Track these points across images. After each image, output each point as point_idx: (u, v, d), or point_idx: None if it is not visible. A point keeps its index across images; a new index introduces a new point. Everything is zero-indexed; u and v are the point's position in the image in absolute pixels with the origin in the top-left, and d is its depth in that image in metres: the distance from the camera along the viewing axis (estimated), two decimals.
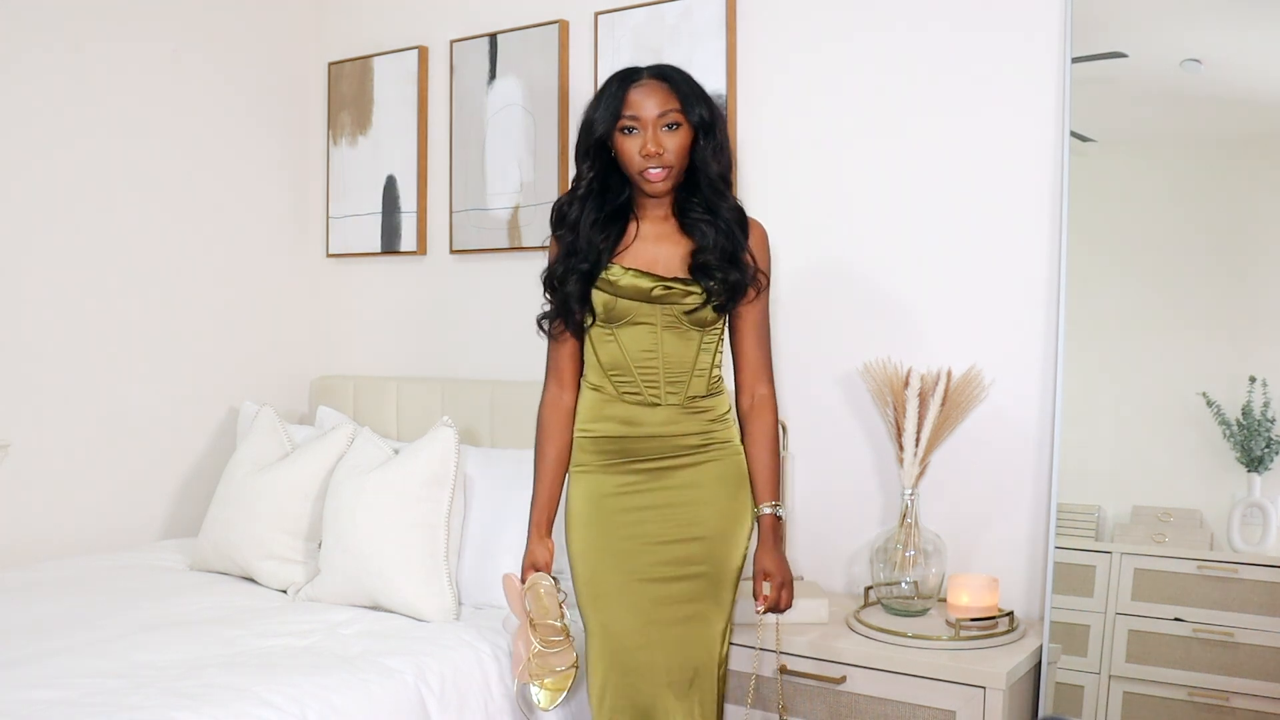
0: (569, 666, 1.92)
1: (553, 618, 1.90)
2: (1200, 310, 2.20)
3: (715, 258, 1.88)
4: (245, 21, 3.19)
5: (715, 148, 1.90)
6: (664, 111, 1.85)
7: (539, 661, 1.90)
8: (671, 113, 1.86)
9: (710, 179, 1.91)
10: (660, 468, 1.91)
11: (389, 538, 2.28)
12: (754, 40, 2.65)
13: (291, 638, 2.12)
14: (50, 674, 1.84)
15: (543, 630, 1.91)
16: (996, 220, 2.39)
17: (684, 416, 1.92)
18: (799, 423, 2.58)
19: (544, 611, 1.90)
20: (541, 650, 1.90)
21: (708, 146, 1.89)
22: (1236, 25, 2.16)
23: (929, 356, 2.40)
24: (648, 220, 1.96)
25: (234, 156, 3.17)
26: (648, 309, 1.90)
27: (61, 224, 2.76)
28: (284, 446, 2.71)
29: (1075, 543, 2.24)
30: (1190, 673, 2.10)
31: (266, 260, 3.28)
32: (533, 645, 1.90)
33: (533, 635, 1.90)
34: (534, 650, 1.90)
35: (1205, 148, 2.22)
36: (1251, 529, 2.10)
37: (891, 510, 2.48)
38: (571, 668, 1.92)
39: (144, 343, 2.95)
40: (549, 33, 2.91)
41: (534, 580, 1.93)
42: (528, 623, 1.92)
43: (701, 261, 1.89)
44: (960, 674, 2.02)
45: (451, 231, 3.11)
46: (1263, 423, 2.09)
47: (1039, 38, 2.33)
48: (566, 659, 1.92)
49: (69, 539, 2.78)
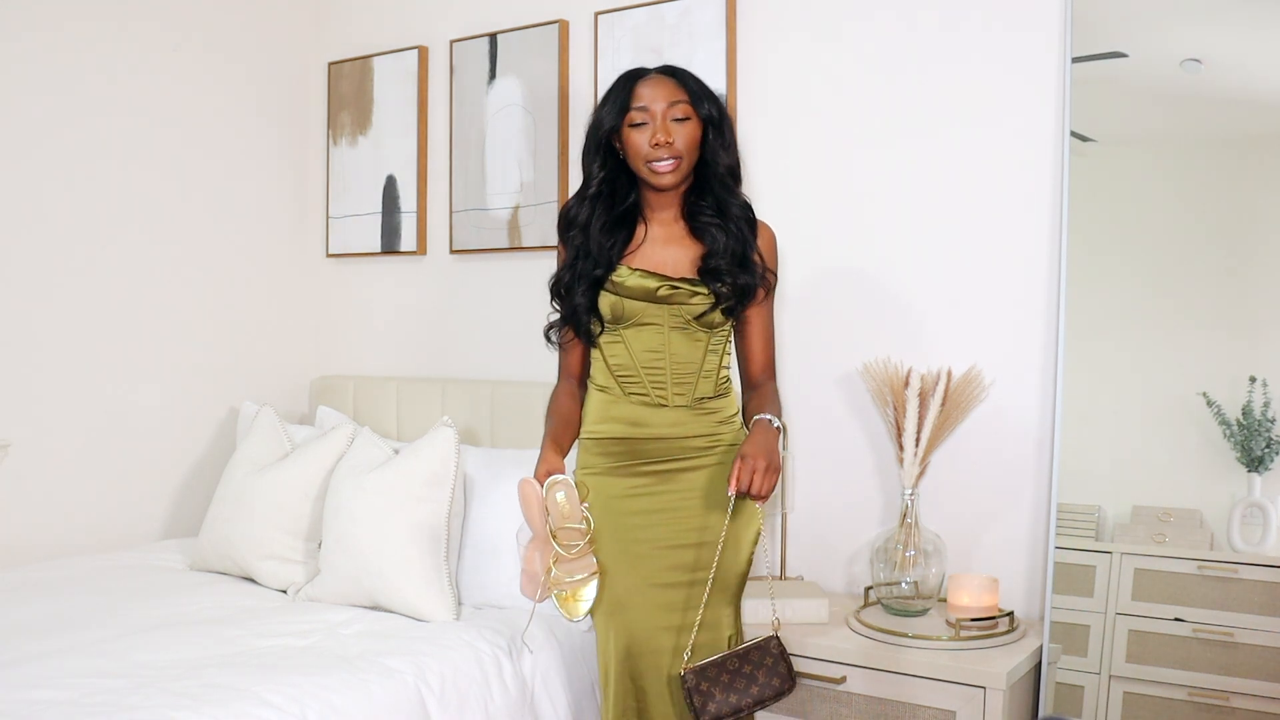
0: (591, 573, 1.83)
1: (574, 520, 1.82)
2: (1200, 310, 2.20)
3: (725, 262, 1.88)
4: (245, 21, 3.19)
5: (723, 144, 1.90)
6: (673, 102, 1.85)
7: (562, 569, 1.81)
8: (681, 104, 1.86)
9: (719, 174, 1.91)
10: (668, 470, 1.91)
11: (389, 538, 2.28)
12: (754, 40, 2.65)
13: (291, 638, 2.12)
14: (50, 674, 1.84)
15: (564, 535, 1.82)
16: (996, 220, 2.39)
17: (691, 418, 1.91)
18: (799, 423, 2.58)
19: (564, 515, 1.82)
20: (561, 556, 1.81)
21: (717, 141, 1.89)
22: (1236, 25, 2.16)
23: (929, 356, 2.40)
24: (656, 222, 1.95)
25: (234, 156, 3.17)
26: (655, 310, 1.89)
27: (61, 224, 2.76)
28: (284, 446, 2.71)
29: (1075, 543, 2.24)
30: (1190, 673, 2.10)
31: (266, 260, 3.28)
32: (554, 551, 1.80)
33: (554, 542, 1.81)
34: (554, 557, 1.80)
35: (1205, 148, 2.22)
36: (1251, 529, 2.10)
37: (891, 510, 2.48)
38: (592, 574, 1.83)
39: (144, 343, 2.95)
40: (549, 33, 2.92)
41: (553, 482, 1.83)
42: (547, 531, 1.82)
43: (712, 266, 1.88)
44: (960, 674, 2.02)
45: (451, 231, 3.11)
46: (1263, 423, 2.09)
47: (1039, 38, 2.33)
48: (587, 565, 1.83)
49: (69, 539, 2.78)
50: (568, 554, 1.81)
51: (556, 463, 1.88)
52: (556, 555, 1.81)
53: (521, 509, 1.86)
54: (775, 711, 2.21)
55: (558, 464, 1.88)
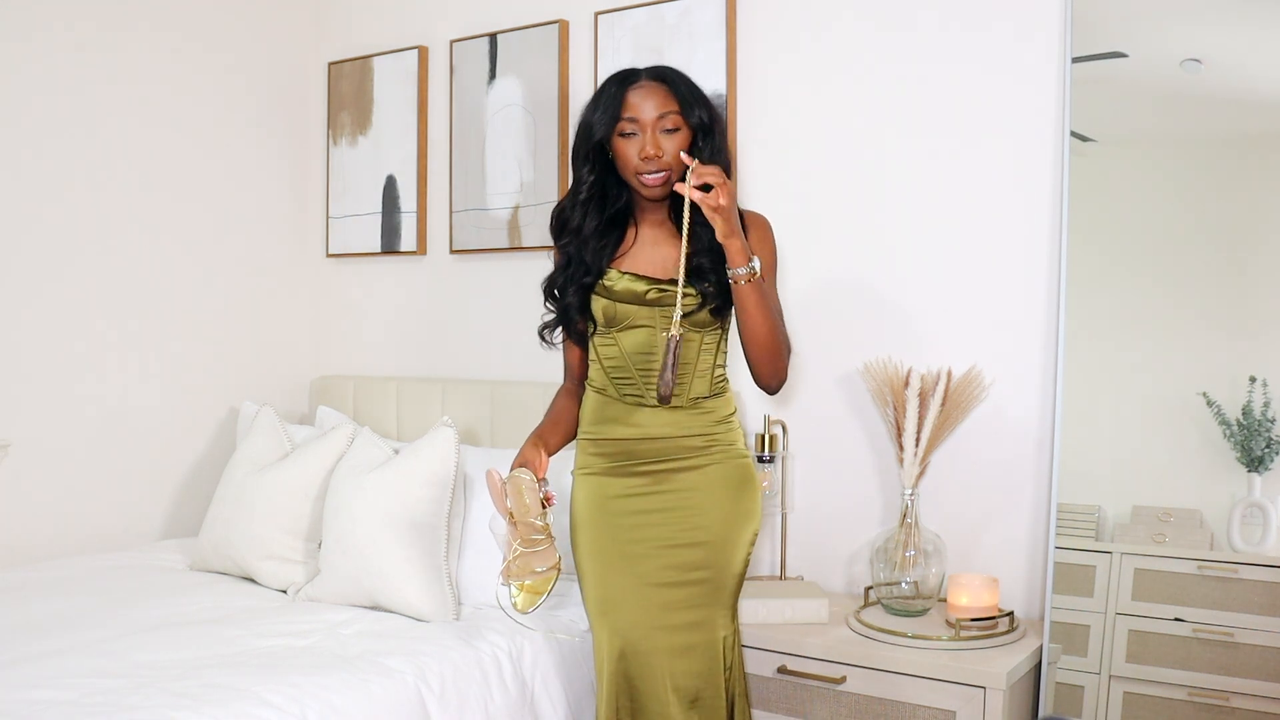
0: (549, 568, 1.83)
1: (533, 515, 1.82)
2: (1200, 310, 2.20)
3: (709, 260, 1.86)
4: (245, 21, 3.19)
5: (714, 149, 1.87)
6: (663, 114, 1.84)
7: (519, 563, 1.82)
8: (670, 115, 1.84)
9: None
10: (663, 470, 1.91)
11: (389, 538, 2.28)
12: (754, 40, 2.65)
13: (291, 638, 2.12)
14: (50, 674, 1.83)
15: (523, 529, 1.82)
16: (997, 220, 2.39)
17: (687, 418, 1.91)
18: (799, 423, 2.58)
19: (525, 510, 1.82)
20: (522, 551, 1.81)
21: (706, 148, 1.86)
22: (1236, 25, 2.16)
23: (929, 356, 2.40)
24: (646, 224, 1.95)
25: (234, 156, 3.18)
26: (646, 312, 1.89)
27: (61, 224, 2.76)
28: (284, 446, 2.71)
29: (1075, 543, 2.24)
30: (1190, 673, 2.10)
31: (266, 260, 3.28)
32: (513, 546, 1.81)
33: (512, 536, 1.82)
34: (515, 552, 1.81)
35: (1205, 147, 2.22)
36: (1251, 529, 2.10)
37: (891, 510, 2.48)
38: (552, 569, 1.83)
39: (144, 343, 2.95)
40: (549, 33, 2.91)
41: (515, 475, 1.84)
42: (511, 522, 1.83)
43: (696, 265, 1.86)
44: (960, 674, 2.02)
45: (451, 231, 3.11)
46: (1263, 423, 2.09)
47: (1039, 37, 2.33)
48: (548, 560, 1.83)
49: (69, 539, 2.78)
50: (527, 548, 1.81)
51: (531, 455, 1.90)
52: (517, 550, 1.82)
53: (490, 497, 1.88)
54: (775, 711, 2.21)
55: (532, 457, 1.90)
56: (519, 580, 1.83)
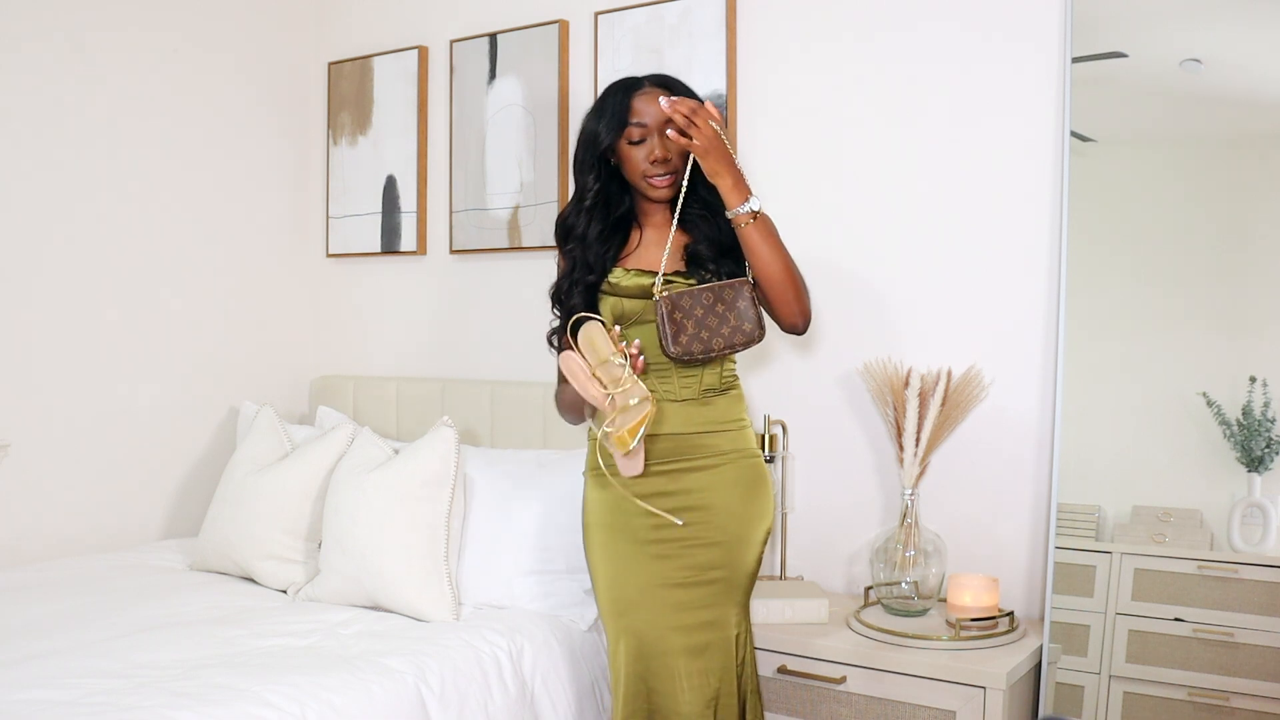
0: (641, 400, 1.75)
1: (611, 353, 1.76)
2: (1200, 310, 2.20)
3: (707, 248, 1.90)
4: (245, 22, 3.19)
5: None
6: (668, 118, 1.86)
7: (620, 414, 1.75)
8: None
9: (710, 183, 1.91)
10: (676, 470, 1.91)
11: (389, 538, 2.28)
12: (754, 40, 2.65)
13: (291, 638, 2.12)
14: (50, 674, 1.83)
15: (605, 372, 1.76)
16: (996, 220, 2.39)
17: (699, 411, 1.92)
18: (798, 423, 2.58)
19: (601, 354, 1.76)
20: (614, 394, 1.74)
21: None
22: (1236, 25, 2.16)
23: (929, 356, 2.40)
24: (650, 226, 1.99)
25: (234, 156, 3.17)
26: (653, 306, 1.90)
27: (61, 224, 2.76)
28: (284, 446, 2.71)
29: (1075, 543, 2.24)
30: (1190, 673, 2.10)
31: (266, 260, 3.28)
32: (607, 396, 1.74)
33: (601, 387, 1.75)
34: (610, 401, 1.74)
35: (1205, 147, 2.22)
36: (1251, 529, 2.10)
37: (891, 510, 2.48)
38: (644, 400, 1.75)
39: (144, 343, 2.95)
40: (549, 33, 2.91)
41: (585, 327, 1.78)
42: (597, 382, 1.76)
43: (693, 252, 1.91)
44: (960, 674, 2.02)
45: (451, 231, 3.11)
46: (1263, 423, 2.09)
47: (1039, 37, 2.33)
48: (639, 393, 1.75)
49: (69, 539, 2.78)
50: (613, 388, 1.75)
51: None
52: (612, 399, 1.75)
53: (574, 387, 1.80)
54: (775, 711, 2.21)
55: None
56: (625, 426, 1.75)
